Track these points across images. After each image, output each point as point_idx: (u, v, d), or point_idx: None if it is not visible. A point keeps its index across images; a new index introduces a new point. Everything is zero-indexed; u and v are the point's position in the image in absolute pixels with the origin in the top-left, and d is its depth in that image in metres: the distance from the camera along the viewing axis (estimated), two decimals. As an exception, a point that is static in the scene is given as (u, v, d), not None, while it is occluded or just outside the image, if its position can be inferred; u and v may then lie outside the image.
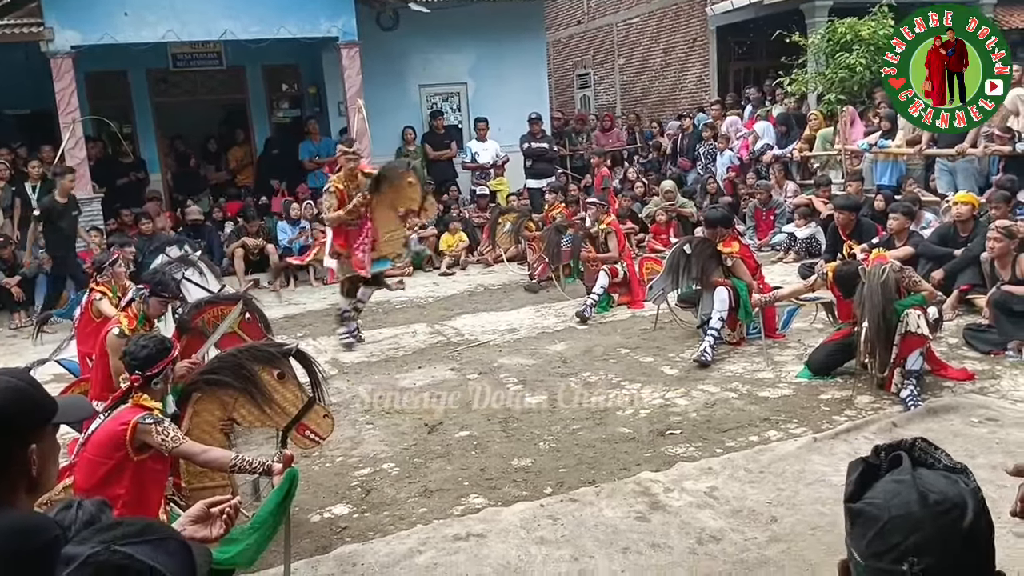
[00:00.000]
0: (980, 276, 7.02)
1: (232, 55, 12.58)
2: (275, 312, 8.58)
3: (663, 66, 17.40)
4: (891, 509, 1.16)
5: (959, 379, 5.56)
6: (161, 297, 5.16)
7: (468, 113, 14.00)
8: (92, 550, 1.22)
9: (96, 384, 4.96)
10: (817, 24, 13.09)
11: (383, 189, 7.22)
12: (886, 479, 1.20)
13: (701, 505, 4.02)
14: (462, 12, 13.04)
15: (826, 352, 5.90)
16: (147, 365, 3.46)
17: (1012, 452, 4.35)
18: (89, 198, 10.59)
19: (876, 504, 1.18)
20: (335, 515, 4.28)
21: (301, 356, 4.01)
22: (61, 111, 10.35)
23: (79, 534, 1.33)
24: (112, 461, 3.27)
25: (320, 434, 3.94)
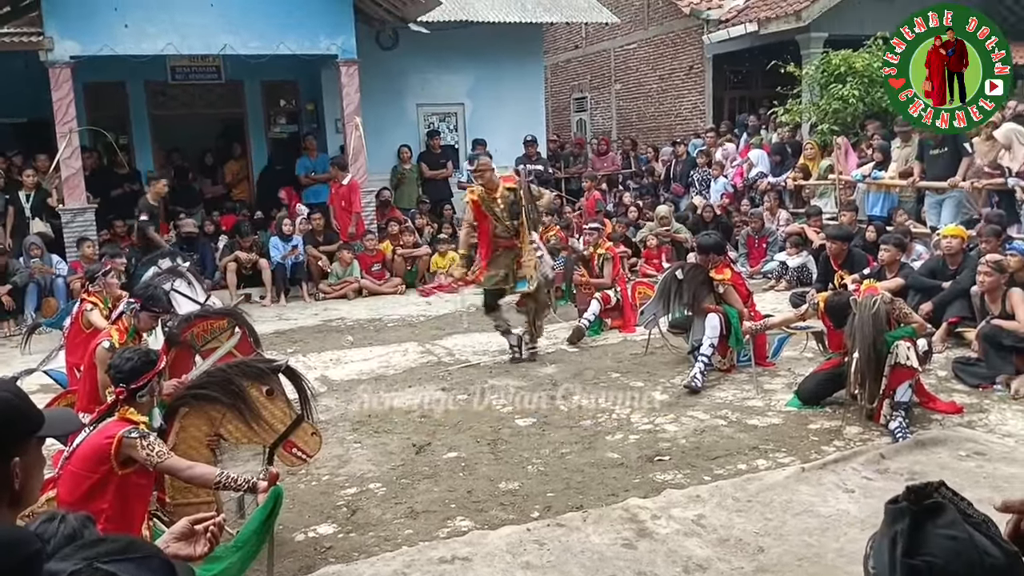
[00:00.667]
0: (969, 309, 7.06)
1: (231, 70, 12.63)
2: (266, 327, 8.55)
3: (659, 92, 17.52)
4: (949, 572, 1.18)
5: (947, 412, 5.57)
6: (151, 311, 5.16)
7: (465, 133, 14.07)
8: (75, 567, 1.21)
9: (83, 396, 4.93)
10: (812, 55, 13.23)
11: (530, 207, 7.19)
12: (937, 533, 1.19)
13: (688, 533, 4.00)
14: (461, 34, 13.14)
15: (816, 382, 5.91)
16: (132, 378, 3.44)
17: (999, 487, 4.35)
18: (82, 208, 10.57)
19: (936, 564, 1.19)
20: (320, 535, 4.24)
21: (290, 373, 3.99)
22: (58, 120, 10.35)
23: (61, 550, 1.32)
24: (96, 475, 3.24)
25: (307, 452, 3.91)
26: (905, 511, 1.22)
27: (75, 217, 10.52)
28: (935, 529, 1.21)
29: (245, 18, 10.93)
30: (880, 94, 11.77)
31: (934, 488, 1.25)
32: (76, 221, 10.51)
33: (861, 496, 4.31)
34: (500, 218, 7.08)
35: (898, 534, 1.21)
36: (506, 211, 7.05)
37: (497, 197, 7.04)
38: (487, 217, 7.14)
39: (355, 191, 11.44)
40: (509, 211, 7.06)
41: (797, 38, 13.73)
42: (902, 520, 1.22)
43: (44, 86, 10.40)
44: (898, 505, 1.24)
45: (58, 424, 1.84)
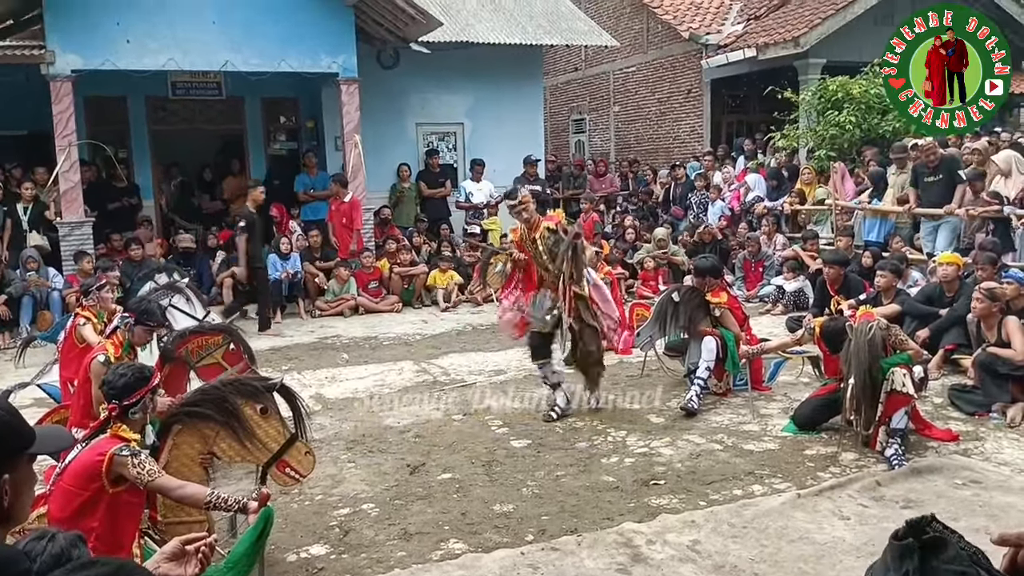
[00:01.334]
0: (965, 336, 7.07)
1: (232, 86, 12.68)
2: (261, 344, 8.53)
3: (657, 115, 17.63)
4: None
5: (943, 439, 5.56)
6: (146, 326, 5.14)
7: (464, 153, 14.12)
8: (64, 592, 1.19)
9: (77, 411, 4.91)
10: (809, 81, 13.34)
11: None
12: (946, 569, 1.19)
13: (683, 559, 3.97)
14: (462, 55, 13.22)
15: (812, 407, 5.89)
16: (125, 394, 3.42)
17: (995, 516, 4.33)
18: (80, 222, 10.56)
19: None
20: (312, 555, 4.21)
21: (285, 391, 3.97)
22: (58, 134, 10.37)
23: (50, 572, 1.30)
24: (87, 492, 3.22)
25: (301, 472, 3.88)
26: (913, 548, 1.21)
27: (72, 230, 10.51)
28: (943, 565, 1.20)
29: (247, 35, 10.98)
30: (877, 121, 11.86)
31: (927, 522, 1.25)
32: (73, 234, 10.50)
33: (857, 523, 4.28)
34: (540, 261, 6.27)
35: (910, 572, 1.20)
36: (546, 253, 6.20)
37: (536, 237, 6.22)
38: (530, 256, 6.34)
39: (356, 208, 11.45)
40: (549, 253, 6.19)
41: (795, 64, 13.85)
42: (911, 558, 1.21)
43: (45, 99, 10.43)
44: (905, 542, 1.23)
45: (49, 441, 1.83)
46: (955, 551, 1.19)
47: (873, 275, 8.23)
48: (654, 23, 17.24)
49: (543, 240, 6.19)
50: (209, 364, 5.41)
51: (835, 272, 8.05)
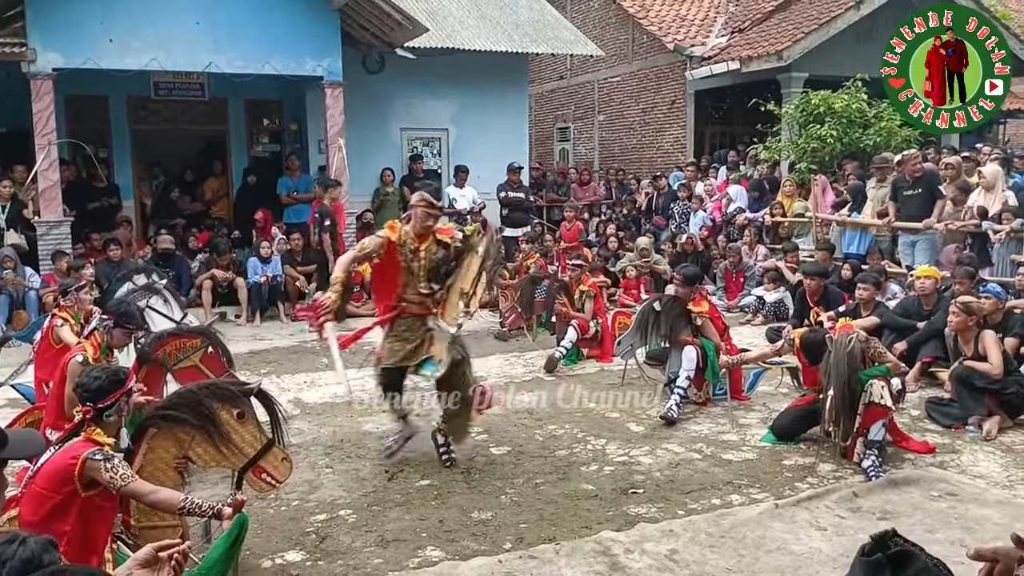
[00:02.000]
0: (943, 349, 7.13)
1: (215, 87, 12.60)
2: (240, 347, 8.46)
3: (641, 125, 17.71)
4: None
5: (920, 452, 5.60)
6: (125, 328, 5.09)
7: (448, 159, 14.11)
8: (33, 599, 1.17)
9: (51, 412, 4.85)
10: (792, 94, 13.45)
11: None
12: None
13: (661, 568, 3.97)
14: (447, 61, 13.22)
15: (791, 418, 5.92)
16: (99, 397, 3.37)
17: (971, 528, 4.37)
18: (58, 221, 10.45)
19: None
20: (287, 562, 4.17)
21: (262, 396, 3.93)
22: (38, 132, 10.25)
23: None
24: (60, 496, 3.17)
25: (277, 478, 3.84)
26: (884, 563, 1.22)
27: (50, 230, 10.40)
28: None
29: (231, 36, 10.92)
30: (858, 135, 11.98)
31: (890, 536, 1.27)
32: (51, 234, 10.39)
33: (833, 534, 4.30)
34: (415, 276, 5.34)
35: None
36: (426, 271, 5.34)
37: (421, 249, 5.33)
38: (399, 268, 5.35)
39: (340, 212, 11.40)
40: (431, 272, 5.36)
41: (778, 77, 13.96)
42: (883, 572, 1.22)
43: (25, 97, 10.32)
44: (875, 558, 1.24)
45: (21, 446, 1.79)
46: (922, 563, 1.21)
47: (852, 287, 8.29)
48: (639, 34, 17.33)
49: (428, 255, 5.32)
50: (187, 367, 5.36)
51: (816, 284, 8.11)
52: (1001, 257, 8.88)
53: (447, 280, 5.41)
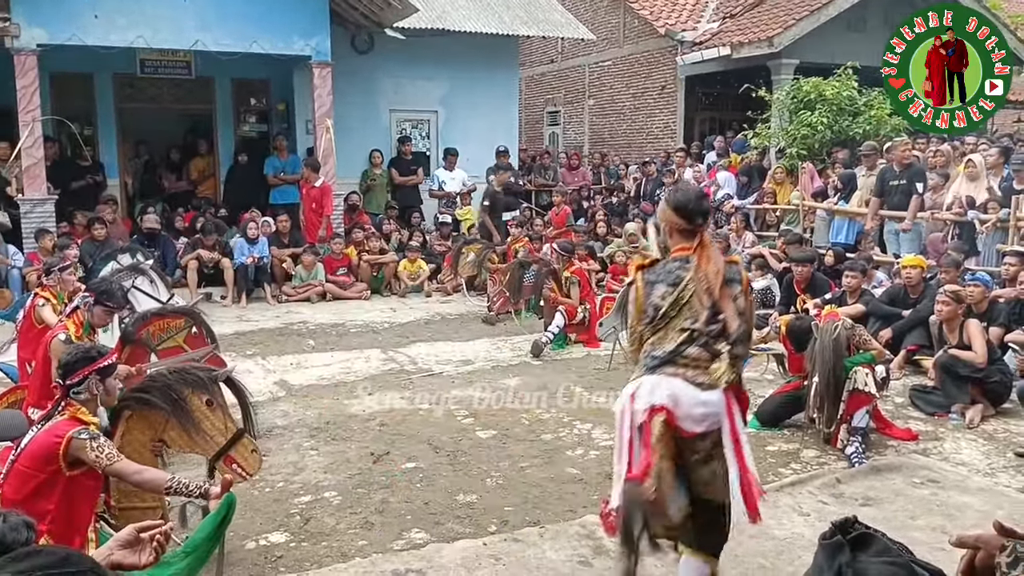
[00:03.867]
0: (927, 337, 7.17)
1: (202, 65, 12.45)
2: (226, 328, 8.43)
3: (632, 110, 17.66)
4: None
5: (903, 439, 5.64)
6: (106, 307, 5.05)
7: (437, 141, 14.04)
8: (6, 582, 1.16)
9: (34, 391, 4.81)
10: (783, 81, 13.43)
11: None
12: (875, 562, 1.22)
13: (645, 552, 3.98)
14: (437, 42, 13.12)
15: (775, 404, 5.95)
16: (68, 373, 3.33)
17: (952, 515, 4.41)
18: (42, 199, 10.34)
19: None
20: (271, 543, 4.16)
21: (232, 384, 3.90)
22: (21, 109, 10.12)
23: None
24: (43, 474, 3.14)
25: (246, 470, 3.77)
26: (843, 545, 1.24)
27: (34, 208, 10.29)
28: (872, 558, 1.24)
29: (218, 14, 10.80)
30: (848, 123, 11.99)
31: (851, 523, 1.28)
32: (35, 212, 10.28)
33: (816, 520, 4.33)
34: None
35: (843, 566, 1.23)
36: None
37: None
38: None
39: (327, 194, 11.34)
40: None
41: (769, 64, 13.94)
42: (842, 553, 1.23)
43: (9, 73, 10.17)
44: (834, 540, 1.26)
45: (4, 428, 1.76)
46: (883, 544, 1.23)
47: (836, 275, 8.31)
48: (631, 18, 17.25)
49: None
50: (170, 347, 5.34)
51: (805, 271, 8.13)
52: (987, 247, 8.93)
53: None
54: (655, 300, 3.25)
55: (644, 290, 3.30)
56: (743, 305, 3.25)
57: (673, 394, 3.13)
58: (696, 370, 3.18)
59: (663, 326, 3.23)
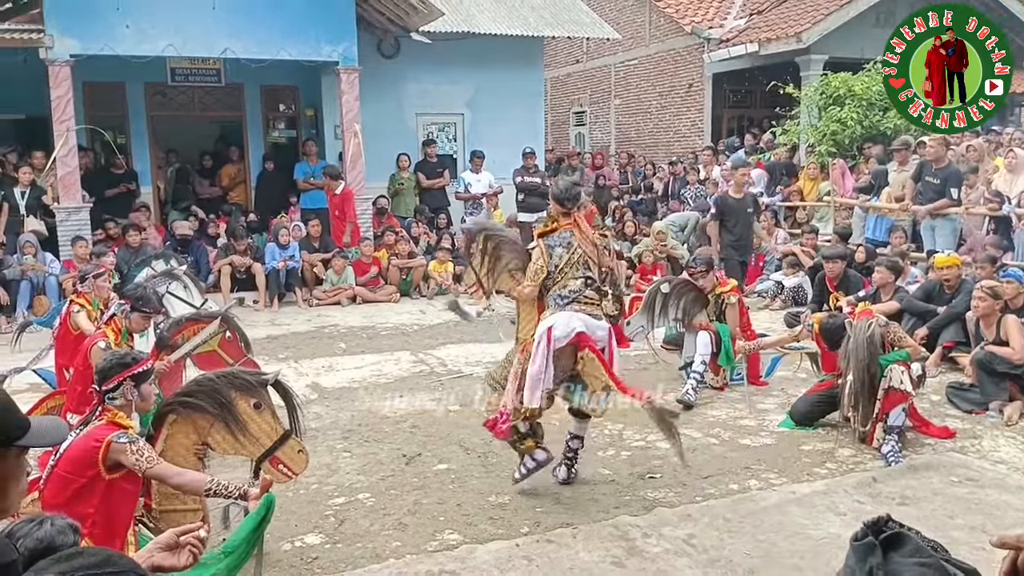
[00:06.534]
0: (964, 333, 7.06)
1: (231, 73, 12.62)
2: (258, 332, 8.52)
3: (658, 109, 17.58)
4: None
5: (940, 437, 5.56)
6: (143, 312, 5.13)
7: (464, 143, 14.08)
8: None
9: (74, 397, 4.90)
10: (811, 77, 13.31)
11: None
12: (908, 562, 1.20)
13: (679, 552, 3.97)
14: (463, 45, 13.16)
15: (809, 403, 5.89)
16: (103, 379, 3.40)
17: (991, 514, 4.34)
18: (77, 207, 10.52)
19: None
20: (306, 544, 4.20)
21: (279, 387, 3.94)
22: (56, 118, 10.31)
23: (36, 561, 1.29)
24: (83, 478, 3.20)
25: (293, 469, 3.83)
26: (875, 545, 1.22)
27: (70, 216, 10.47)
28: (905, 559, 1.22)
29: (247, 22, 10.92)
30: (879, 117, 11.85)
31: (884, 522, 1.26)
32: (71, 220, 10.46)
33: (852, 520, 4.27)
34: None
35: (874, 568, 1.21)
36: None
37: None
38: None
39: (348, 200, 11.42)
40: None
41: (797, 60, 13.81)
42: (874, 554, 1.22)
43: (43, 83, 10.37)
44: (865, 541, 1.24)
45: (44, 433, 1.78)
46: (915, 544, 1.21)
47: (867, 271, 8.21)
48: (656, 16, 17.18)
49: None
50: (205, 352, 5.40)
51: (837, 267, 8.04)
52: (1023, 242, 8.77)
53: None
54: (555, 260, 4.54)
55: (547, 252, 4.55)
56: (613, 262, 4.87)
57: (585, 323, 4.48)
58: (592, 306, 4.56)
59: (561, 277, 4.54)
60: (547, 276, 4.52)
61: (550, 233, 4.61)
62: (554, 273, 4.53)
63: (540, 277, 4.53)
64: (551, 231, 4.63)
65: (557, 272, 4.53)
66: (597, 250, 4.63)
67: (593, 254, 4.60)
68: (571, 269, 4.54)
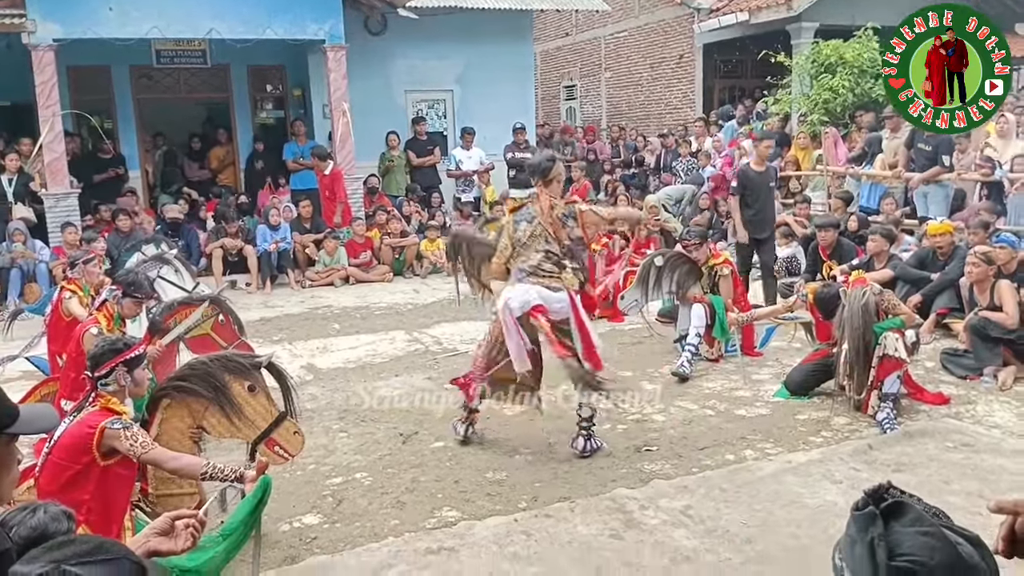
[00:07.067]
0: (957, 300, 7.08)
1: (217, 54, 12.47)
2: (252, 314, 8.49)
3: (649, 81, 17.48)
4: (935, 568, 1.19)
5: (935, 403, 5.58)
6: (134, 298, 5.10)
7: (454, 120, 13.98)
8: (42, 570, 1.17)
9: (67, 384, 4.88)
10: (802, 45, 13.21)
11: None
12: (910, 531, 1.20)
13: (676, 524, 3.99)
14: (451, 20, 13.03)
15: (804, 372, 5.90)
16: (95, 365, 3.38)
17: (986, 479, 4.36)
18: (66, 193, 10.44)
19: (921, 561, 1.20)
20: (305, 525, 4.20)
21: (273, 369, 3.93)
22: (41, 104, 10.20)
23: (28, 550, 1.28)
24: (78, 465, 3.19)
25: (289, 451, 3.83)
26: (875, 515, 1.21)
27: (58, 202, 10.39)
28: (906, 528, 1.22)
29: (231, 2, 10.79)
30: (870, 85, 11.78)
31: (885, 489, 1.25)
32: (59, 206, 10.39)
33: (848, 487, 4.30)
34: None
35: (875, 539, 1.20)
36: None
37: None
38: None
39: (338, 180, 11.35)
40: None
41: (788, 28, 13.70)
42: (875, 525, 1.21)
43: (27, 69, 10.25)
44: (866, 511, 1.23)
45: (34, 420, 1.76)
46: (916, 513, 1.20)
47: (859, 239, 8.21)
48: (645, -13, 17.04)
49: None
50: (198, 335, 5.38)
51: (829, 236, 8.03)
52: (1015, 206, 8.77)
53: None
54: (519, 234, 4.78)
55: (513, 226, 4.81)
56: (577, 234, 4.87)
57: (542, 295, 4.68)
58: (550, 279, 4.74)
59: (524, 250, 4.77)
60: (513, 250, 4.79)
61: (520, 208, 4.88)
62: (518, 247, 4.78)
63: (506, 253, 4.82)
64: (520, 207, 4.90)
65: (521, 246, 4.78)
66: (555, 224, 4.78)
67: (552, 228, 4.77)
68: (533, 242, 4.77)
